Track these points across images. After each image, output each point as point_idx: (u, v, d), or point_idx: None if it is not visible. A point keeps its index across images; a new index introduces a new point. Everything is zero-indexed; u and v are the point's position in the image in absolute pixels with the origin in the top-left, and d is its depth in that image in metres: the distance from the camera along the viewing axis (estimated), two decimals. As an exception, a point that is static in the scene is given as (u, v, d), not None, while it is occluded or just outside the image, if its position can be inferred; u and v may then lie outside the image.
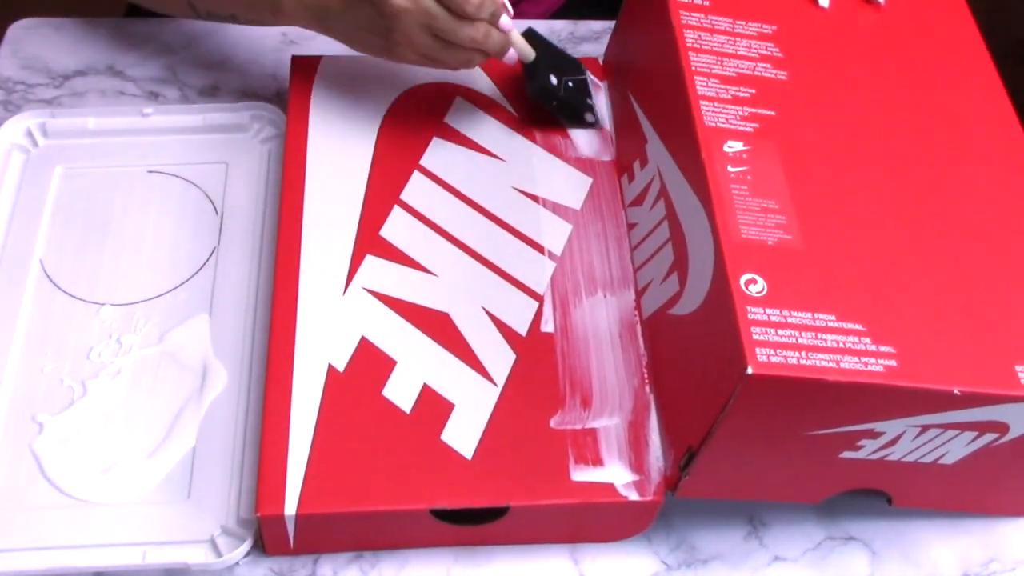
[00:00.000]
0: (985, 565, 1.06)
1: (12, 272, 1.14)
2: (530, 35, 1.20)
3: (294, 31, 1.38)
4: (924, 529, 1.07)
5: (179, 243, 1.18)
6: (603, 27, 1.43)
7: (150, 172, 1.23)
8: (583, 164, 1.19)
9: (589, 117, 1.22)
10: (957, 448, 0.94)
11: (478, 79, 1.26)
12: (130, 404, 1.06)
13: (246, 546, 0.99)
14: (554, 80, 1.19)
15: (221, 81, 1.34)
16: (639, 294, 1.09)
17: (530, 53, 1.18)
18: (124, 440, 1.04)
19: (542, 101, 1.21)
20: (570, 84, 1.20)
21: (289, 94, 1.21)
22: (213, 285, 1.14)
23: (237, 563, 1.00)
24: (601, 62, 1.30)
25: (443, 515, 0.97)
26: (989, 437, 0.93)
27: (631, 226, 1.14)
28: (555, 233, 1.14)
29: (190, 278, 1.15)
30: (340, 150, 1.17)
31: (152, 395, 1.07)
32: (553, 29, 1.43)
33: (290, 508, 0.94)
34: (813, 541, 1.06)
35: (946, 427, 0.91)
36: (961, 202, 1.01)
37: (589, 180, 1.18)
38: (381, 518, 0.97)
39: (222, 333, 1.11)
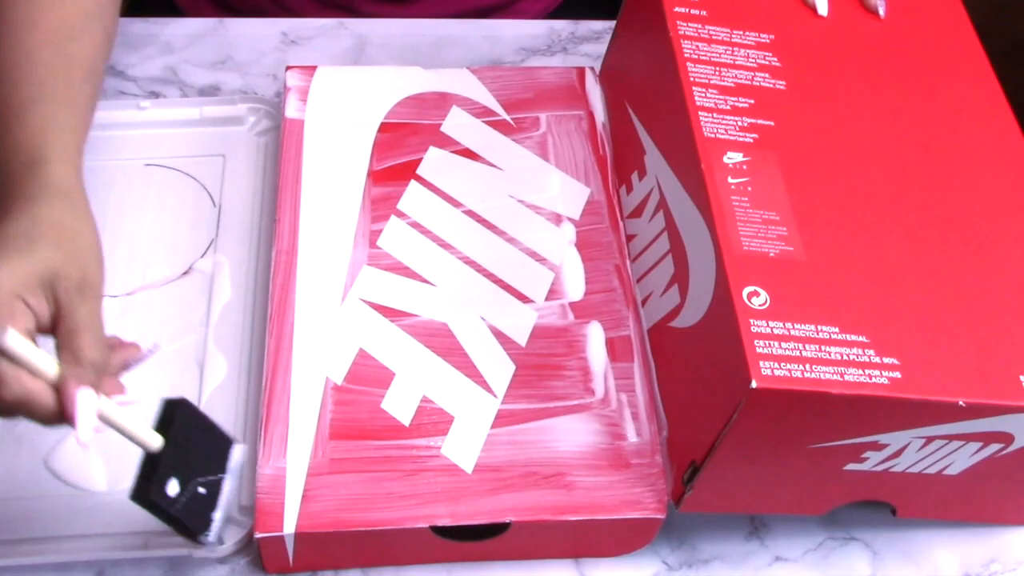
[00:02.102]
0: (986, 566, 1.03)
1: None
2: (175, 407, 0.88)
3: (295, 30, 1.36)
4: (925, 530, 1.05)
5: (177, 235, 1.15)
6: (603, 27, 1.40)
7: (147, 165, 1.20)
8: (581, 174, 1.15)
9: (203, 538, 0.87)
10: (962, 459, 0.91)
11: (475, 88, 1.23)
12: (130, 394, 1.01)
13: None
14: (174, 487, 0.84)
15: (221, 81, 1.31)
16: (639, 306, 1.06)
17: (152, 443, 0.85)
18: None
19: (145, 508, 0.84)
20: (200, 490, 0.87)
21: (284, 104, 1.18)
22: (211, 276, 1.12)
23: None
24: (598, 71, 1.25)
25: (444, 531, 0.94)
26: (994, 447, 0.90)
27: (629, 237, 1.10)
28: (553, 243, 1.10)
29: (188, 269, 1.13)
30: (335, 160, 1.14)
31: (151, 386, 1.05)
32: (553, 29, 1.40)
33: (289, 527, 0.91)
34: (814, 541, 1.03)
35: (951, 438, 0.88)
36: (963, 210, 0.97)
37: (587, 190, 1.14)
38: (381, 536, 0.93)
39: (221, 323, 1.09)
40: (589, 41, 1.39)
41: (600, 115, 1.20)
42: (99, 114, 1.19)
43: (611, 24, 1.24)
